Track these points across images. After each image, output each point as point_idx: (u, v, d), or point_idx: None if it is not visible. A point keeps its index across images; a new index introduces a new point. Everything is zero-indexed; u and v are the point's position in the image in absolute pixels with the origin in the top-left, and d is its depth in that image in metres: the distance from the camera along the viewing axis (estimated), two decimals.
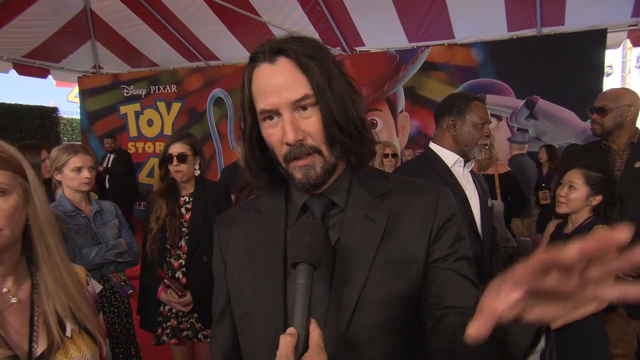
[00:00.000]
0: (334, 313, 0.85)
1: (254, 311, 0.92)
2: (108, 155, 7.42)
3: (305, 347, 0.68)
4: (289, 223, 0.94)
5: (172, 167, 2.43)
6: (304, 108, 0.85)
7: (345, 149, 0.88)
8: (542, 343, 0.61)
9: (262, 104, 0.86)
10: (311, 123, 0.85)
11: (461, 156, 2.07)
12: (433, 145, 2.15)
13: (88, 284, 1.22)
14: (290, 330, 0.69)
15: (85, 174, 2.34)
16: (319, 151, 0.86)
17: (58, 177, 2.36)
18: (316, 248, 0.75)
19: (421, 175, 2.02)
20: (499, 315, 0.50)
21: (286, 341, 0.67)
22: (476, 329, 0.51)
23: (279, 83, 0.84)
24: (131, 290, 2.50)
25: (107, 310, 2.32)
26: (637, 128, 2.40)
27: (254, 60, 0.88)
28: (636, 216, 2.26)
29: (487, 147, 2.10)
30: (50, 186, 2.98)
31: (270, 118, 0.86)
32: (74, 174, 2.32)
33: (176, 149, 2.42)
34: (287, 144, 0.84)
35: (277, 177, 0.95)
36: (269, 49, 0.86)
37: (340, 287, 0.86)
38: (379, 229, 0.88)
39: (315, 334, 0.69)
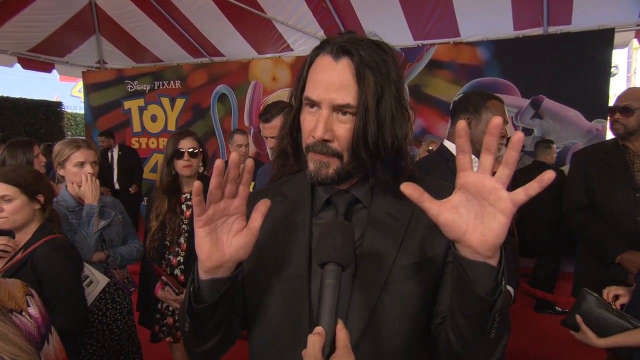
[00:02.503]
0: (356, 307, 0.87)
1: (275, 286, 0.93)
2: (109, 152, 6.97)
3: (332, 348, 0.69)
4: (313, 214, 0.97)
5: (182, 162, 2.42)
6: (344, 113, 0.87)
7: (365, 166, 0.90)
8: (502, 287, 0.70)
9: (309, 92, 0.89)
10: (344, 129, 0.87)
11: (476, 156, 2.04)
12: (447, 143, 2.11)
13: (29, 305, 1.01)
14: (319, 329, 0.69)
15: (88, 169, 2.32)
16: (340, 156, 0.88)
17: (61, 172, 2.34)
18: (346, 249, 0.75)
19: (435, 173, 2.00)
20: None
21: (314, 341, 0.67)
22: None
23: (332, 81, 0.86)
24: (133, 288, 2.49)
25: (109, 306, 2.30)
26: None
27: (321, 48, 0.90)
28: None
29: (502, 148, 2.06)
30: None
31: (312, 106, 0.90)
32: (76, 169, 2.30)
33: (187, 144, 2.43)
34: (313, 137, 0.88)
35: (298, 160, 0.98)
36: (339, 44, 0.87)
37: (364, 282, 0.88)
38: (402, 227, 0.91)
39: (342, 334, 0.70)
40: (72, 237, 2.20)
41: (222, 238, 0.81)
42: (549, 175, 0.61)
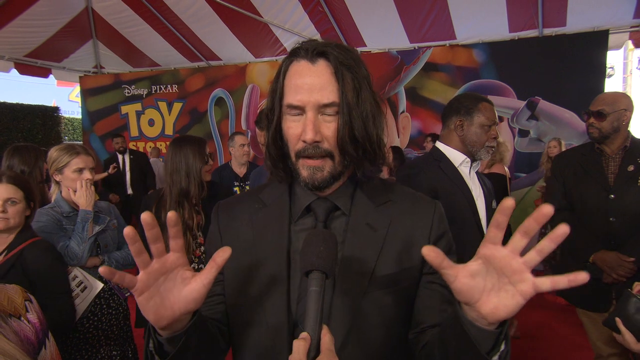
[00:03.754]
0: (338, 313, 0.89)
1: (255, 293, 0.93)
2: (122, 156, 6.66)
3: (317, 352, 0.71)
4: (292, 221, 0.97)
5: (207, 168, 2.39)
6: (328, 113, 0.88)
7: (354, 162, 0.92)
8: (502, 347, 0.73)
9: (291, 99, 0.89)
10: (330, 128, 0.88)
11: (468, 157, 2.07)
12: (440, 145, 2.14)
13: (28, 311, 1.03)
14: (303, 335, 0.71)
15: (87, 175, 2.32)
16: (331, 156, 0.90)
17: (57, 178, 2.33)
18: (329, 257, 0.77)
19: (427, 172, 2.02)
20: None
21: (299, 346, 0.69)
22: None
23: (313, 83, 0.87)
24: (128, 293, 2.47)
25: (105, 312, 2.30)
26: (629, 132, 2.41)
27: (294, 55, 0.91)
28: (631, 220, 2.27)
29: (494, 149, 2.09)
30: (41, 188, 2.96)
31: (294, 114, 0.90)
32: (75, 175, 2.30)
33: (208, 149, 2.41)
34: (304, 141, 0.87)
35: (286, 169, 0.97)
36: (312, 48, 0.89)
37: (344, 290, 0.89)
38: (380, 237, 0.93)
39: (326, 338, 0.72)
40: (65, 242, 2.21)
41: (168, 296, 0.75)
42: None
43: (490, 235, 0.67)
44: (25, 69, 7.52)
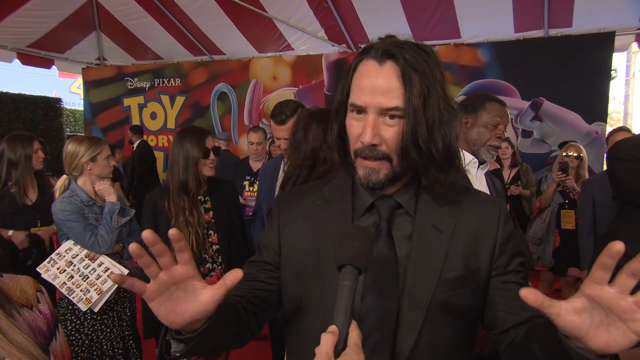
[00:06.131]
0: (406, 319, 0.90)
1: (317, 290, 0.95)
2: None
3: (345, 346, 0.71)
4: (355, 217, 0.98)
5: (208, 162, 2.30)
6: (391, 117, 0.87)
7: (419, 168, 0.90)
8: None
9: (355, 99, 0.89)
10: (391, 132, 0.88)
11: (472, 155, 2.04)
12: None
13: (39, 302, 1.01)
14: (332, 328, 0.71)
15: (112, 161, 2.54)
16: (389, 159, 0.89)
17: (89, 167, 2.43)
18: (363, 253, 0.77)
19: None
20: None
21: (327, 339, 0.70)
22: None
23: (377, 85, 0.86)
24: None
25: (121, 294, 2.45)
26: None
27: (365, 53, 0.91)
28: None
29: (497, 150, 2.06)
30: (40, 177, 3.03)
31: (358, 112, 0.90)
32: (106, 162, 2.48)
33: (211, 142, 2.33)
34: (362, 142, 0.88)
35: (349, 164, 0.97)
36: (382, 48, 0.88)
37: (413, 295, 0.90)
38: (446, 239, 0.93)
39: (354, 333, 0.72)
40: (93, 230, 2.33)
41: (179, 304, 0.76)
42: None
43: (596, 276, 0.65)
44: (27, 59, 7.48)
